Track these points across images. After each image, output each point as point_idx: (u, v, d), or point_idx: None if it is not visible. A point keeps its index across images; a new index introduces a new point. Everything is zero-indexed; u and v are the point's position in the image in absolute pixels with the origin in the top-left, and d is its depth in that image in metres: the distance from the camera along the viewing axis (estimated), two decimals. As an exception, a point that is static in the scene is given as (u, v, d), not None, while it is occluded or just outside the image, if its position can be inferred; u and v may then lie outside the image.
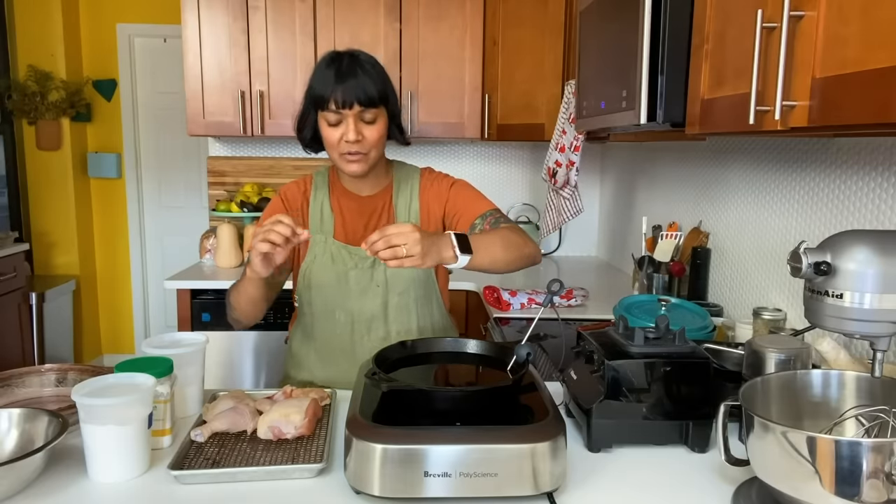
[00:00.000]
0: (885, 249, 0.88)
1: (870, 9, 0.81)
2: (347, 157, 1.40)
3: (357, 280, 1.49)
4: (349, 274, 1.49)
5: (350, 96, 1.34)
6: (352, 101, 1.34)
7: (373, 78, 1.36)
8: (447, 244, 1.20)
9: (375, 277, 1.49)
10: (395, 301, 1.50)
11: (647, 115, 1.40)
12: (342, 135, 1.37)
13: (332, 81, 1.34)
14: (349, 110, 1.35)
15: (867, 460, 0.77)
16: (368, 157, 1.41)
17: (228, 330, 2.67)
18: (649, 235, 2.34)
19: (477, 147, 3.32)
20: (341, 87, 1.33)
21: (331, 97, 1.34)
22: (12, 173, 4.10)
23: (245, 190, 3.06)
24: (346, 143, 1.37)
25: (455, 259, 1.21)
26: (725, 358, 1.35)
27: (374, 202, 1.52)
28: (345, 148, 1.38)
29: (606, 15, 1.64)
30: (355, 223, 1.51)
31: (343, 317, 1.50)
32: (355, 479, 0.93)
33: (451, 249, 1.20)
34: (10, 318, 3.63)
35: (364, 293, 1.49)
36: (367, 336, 1.51)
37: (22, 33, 4.11)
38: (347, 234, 1.51)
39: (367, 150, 1.39)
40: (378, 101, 1.36)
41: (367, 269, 1.49)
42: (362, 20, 2.83)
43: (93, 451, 0.99)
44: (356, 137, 1.36)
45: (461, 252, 1.21)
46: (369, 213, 1.52)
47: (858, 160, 1.44)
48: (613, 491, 0.99)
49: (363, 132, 1.37)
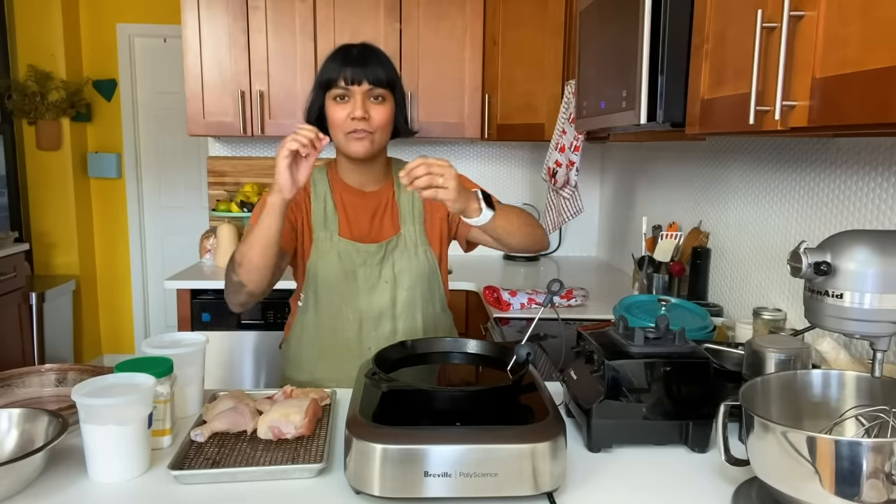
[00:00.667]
0: (885, 249, 0.88)
1: (870, 9, 0.81)
2: (353, 136, 1.39)
3: (366, 277, 1.49)
4: (357, 271, 1.49)
5: (359, 74, 1.37)
6: (361, 79, 1.37)
7: (383, 63, 1.40)
8: (474, 197, 1.26)
9: (384, 273, 1.49)
10: (403, 296, 1.50)
11: (647, 115, 1.40)
12: (349, 112, 1.38)
13: (342, 63, 1.38)
14: (358, 87, 1.37)
15: (867, 460, 0.77)
16: (374, 137, 1.41)
17: (228, 330, 2.67)
18: (649, 235, 2.34)
19: (477, 147, 3.32)
20: (351, 67, 1.38)
21: (340, 76, 1.37)
22: (12, 173, 4.10)
23: (245, 190, 3.06)
24: (352, 120, 1.38)
25: (479, 212, 1.26)
26: (725, 358, 1.35)
27: (378, 197, 1.53)
28: (350, 126, 1.38)
29: (606, 15, 1.64)
30: (360, 220, 1.51)
31: (351, 314, 1.50)
32: (355, 479, 0.93)
33: (478, 202, 1.26)
34: (10, 318, 3.63)
35: (373, 290, 1.49)
36: (374, 332, 1.51)
37: (22, 33, 4.11)
38: (353, 231, 1.51)
39: (374, 130, 1.40)
40: (386, 82, 1.39)
41: (375, 266, 1.49)
42: (362, 20, 2.83)
43: (93, 451, 0.99)
44: (363, 114, 1.37)
45: (486, 207, 1.26)
46: (373, 208, 1.52)
47: (858, 160, 1.44)
48: (613, 491, 0.99)
49: (370, 111, 1.39)
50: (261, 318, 2.67)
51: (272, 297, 2.15)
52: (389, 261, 1.49)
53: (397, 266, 1.50)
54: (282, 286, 1.65)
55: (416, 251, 1.51)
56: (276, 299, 2.47)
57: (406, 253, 1.50)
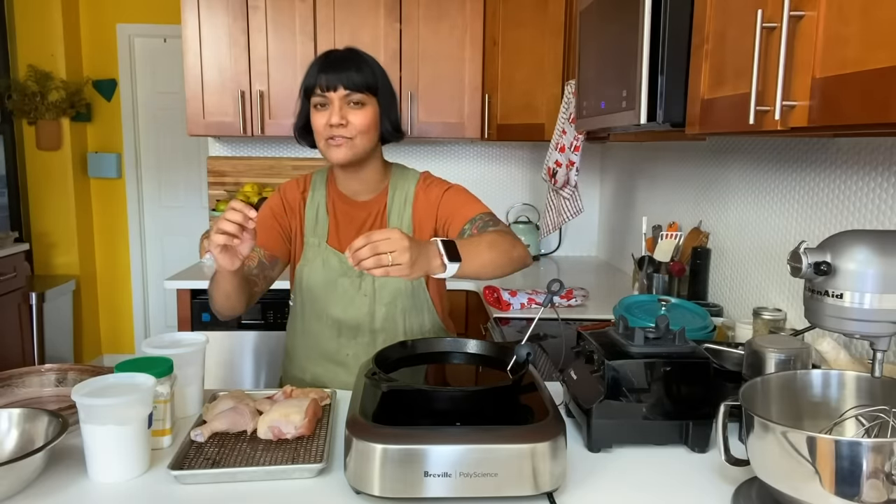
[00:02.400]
0: (885, 249, 0.88)
1: (870, 9, 0.81)
2: (331, 143, 1.38)
3: (345, 288, 1.48)
4: (338, 281, 1.48)
5: (334, 80, 1.35)
6: (336, 85, 1.35)
7: (361, 67, 1.38)
8: (435, 252, 1.12)
9: (363, 287, 1.48)
10: (381, 312, 1.49)
11: (647, 115, 1.40)
12: (328, 118, 1.37)
13: (319, 70, 1.37)
14: (334, 93, 1.36)
15: (867, 460, 0.77)
16: (354, 143, 1.38)
17: (228, 330, 2.67)
18: (649, 235, 2.34)
19: (477, 147, 3.32)
20: (326, 74, 1.36)
21: (316, 83, 1.37)
22: (12, 173, 4.10)
23: (245, 190, 3.06)
24: (329, 126, 1.37)
25: (443, 268, 1.13)
26: (725, 358, 1.35)
27: (368, 208, 1.51)
28: (328, 132, 1.37)
29: (606, 15, 1.64)
30: (348, 229, 1.51)
31: (330, 321, 1.50)
32: (355, 479, 0.93)
33: (439, 258, 1.13)
34: (10, 318, 3.63)
35: (351, 302, 1.49)
36: (353, 341, 1.51)
37: (22, 33, 4.11)
38: (341, 239, 1.50)
39: (353, 136, 1.37)
40: (364, 87, 1.37)
41: (355, 278, 1.48)
42: (362, 20, 2.83)
43: (93, 451, 0.99)
44: (339, 120, 1.36)
45: (449, 260, 1.13)
46: (362, 219, 1.51)
47: (858, 160, 1.44)
48: (613, 491, 0.99)
49: (348, 116, 1.37)
50: (261, 318, 2.67)
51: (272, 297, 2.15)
52: (369, 275, 1.43)
53: (378, 281, 1.48)
54: (283, 287, 1.66)
55: None
56: (276, 299, 2.47)
57: None
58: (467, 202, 1.48)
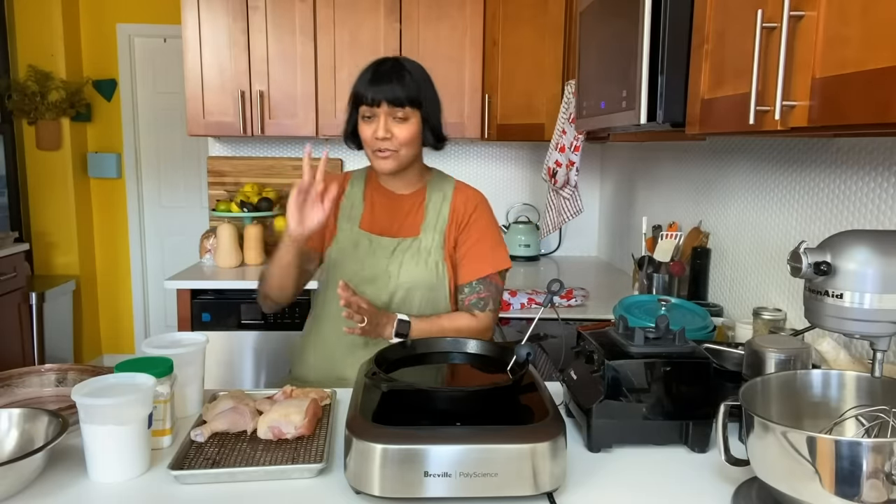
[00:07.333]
0: (885, 249, 0.88)
1: (870, 9, 0.81)
2: (378, 154, 1.47)
3: (371, 267, 1.52)
4: (365, 260, 1.53)
5: (379, 95, 1.43)
6: (380, 100, 1.43)
7: (406, 81, 1.44)
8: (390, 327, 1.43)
9: (390, 269, 1.52)
10: (400, 294, 1.52)
11: (647, 115, 1.40)
12: (374, 131, 1.44)
13: (368, 81, 1.43)
14: (378, 108, 1.43)
15: (867, 460, 0.77)
16: (399, 155, 1.47)
17: (228, 330, 2.67)
18: (649, 235, 2.34)
19: (477, 147, 3.32)
20: (374, 87, 1.43)
21: (364, 95, 1.44)
22: (12, 173, 4.10)
23: (245, 190, 3.06)
24: (376, 139, 1.45)
25: (390, 337, 1.43)
26: (725, 358, 1.35)
27: (408, 200, 1.57)
28: (375, 145, 1.46)
29: (606, 15, 1.64)
30: (383, 215, 1.57)
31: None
32: (355, 479, 0.93)
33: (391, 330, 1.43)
34: (10, 318, 3.62)
35: (374, 280, 1.52)
36: None
37: (22, 33, 4.11)
38: (374, 224, 1.56)
39: (397, 148, 1.46)
40: (406, 102, 1.43)
41: (383, 259, 1.53)
42: (362, 20, 2.83)
43: (93, 451, 0.99)
44: (385, 134, 1.44)
45: (395, 336, 1.42)
46: (399, 208, 1.57)
47: (858, 160, 1.44)
48: (613, 491, 0.99)
49: (393, 130, 1.45)
50: (261, 318, 2.67)
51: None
52: (398, 259, 1.52)
53: (404, 266, 1.52)
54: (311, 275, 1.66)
55: (428, 259, 1.52)
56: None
57: (416, 257, 1.52)
58: (485, 252, 1.54)
